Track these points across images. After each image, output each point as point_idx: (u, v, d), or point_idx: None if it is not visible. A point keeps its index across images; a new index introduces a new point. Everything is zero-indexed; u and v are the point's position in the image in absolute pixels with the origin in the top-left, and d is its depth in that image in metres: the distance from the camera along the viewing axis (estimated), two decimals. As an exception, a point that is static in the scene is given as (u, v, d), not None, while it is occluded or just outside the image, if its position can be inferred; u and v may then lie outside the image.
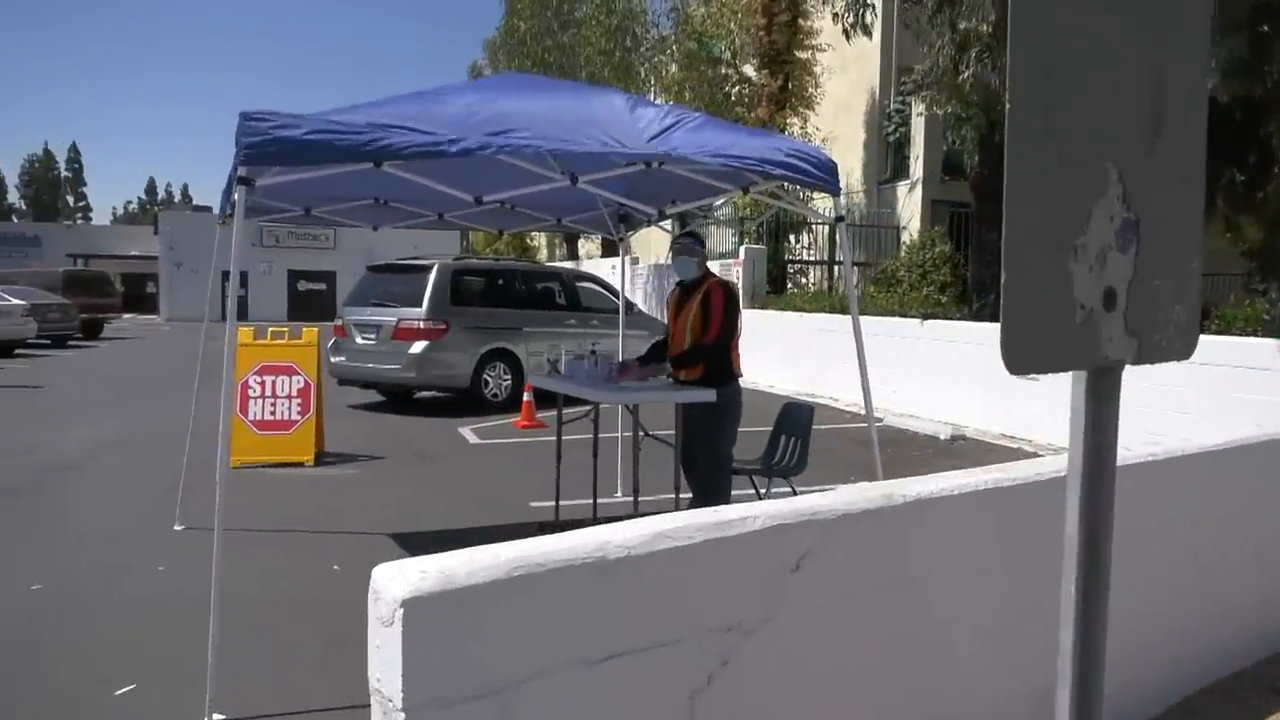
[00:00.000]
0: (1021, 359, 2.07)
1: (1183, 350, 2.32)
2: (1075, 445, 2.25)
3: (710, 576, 3.21)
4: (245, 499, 9.66)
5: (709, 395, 7.11)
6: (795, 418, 8.19)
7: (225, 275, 29.77)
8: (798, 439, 8.01)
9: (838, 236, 20.34)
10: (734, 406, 7.27)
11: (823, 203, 23.08)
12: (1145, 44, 2.16)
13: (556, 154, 6.21)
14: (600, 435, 8.52)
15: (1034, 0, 2.02)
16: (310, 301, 54.72)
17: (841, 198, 7.14)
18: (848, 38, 20.65)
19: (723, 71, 29.67)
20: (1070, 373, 2.22)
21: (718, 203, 15.33)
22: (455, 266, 17.17)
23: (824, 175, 6.62)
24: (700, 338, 7.25)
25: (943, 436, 14.15)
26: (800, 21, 27.80)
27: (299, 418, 11.72)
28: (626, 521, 3.21)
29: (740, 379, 7.37)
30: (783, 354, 20.13)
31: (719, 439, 7.26)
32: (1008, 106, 2.01)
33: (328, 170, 5.98)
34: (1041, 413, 13.48)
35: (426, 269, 16.82)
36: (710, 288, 7.28)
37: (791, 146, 6.63)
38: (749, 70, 29.26)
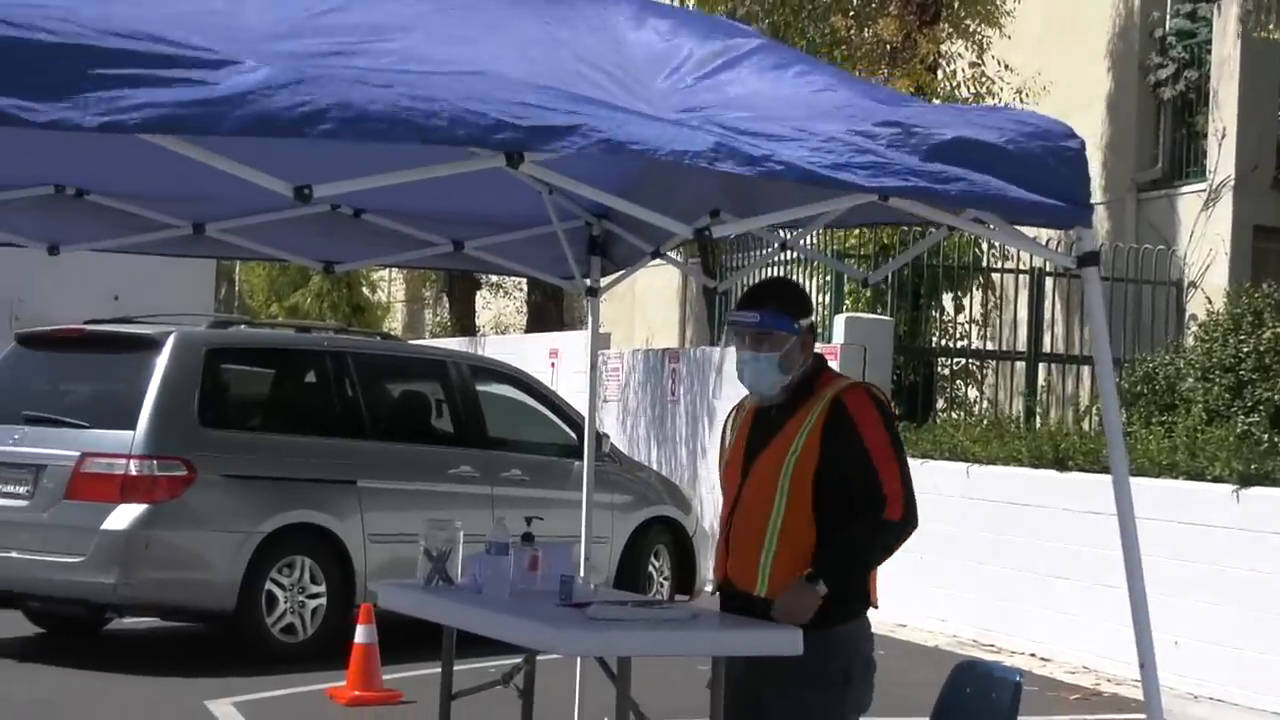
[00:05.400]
0: None
1: None
2: None
3: None
4: None
5: (794, 644, 3.85)
6: (980, 700, 4.46)
7: None
8: None
9: (1083, 294, 5.73)
10: (865, 670, 4.12)
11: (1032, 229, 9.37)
12: None
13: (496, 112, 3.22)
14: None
15: None
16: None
17: (1094, 225, 3.78)
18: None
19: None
20: None
21: (811, 213, 5.22)
22: (213, 340, 9.33)
23: (1061, 187, 3.62)
24: (869, 505, 3.95)
25: None
26: None
27: None
28: None
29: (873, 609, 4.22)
30: (930, 554, 10.32)
31: None
32: None
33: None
34: None
35: (150, 344, 8.89)
36: (841, 399, 4.02)
37: (982, 117, 3.81)
38: None
